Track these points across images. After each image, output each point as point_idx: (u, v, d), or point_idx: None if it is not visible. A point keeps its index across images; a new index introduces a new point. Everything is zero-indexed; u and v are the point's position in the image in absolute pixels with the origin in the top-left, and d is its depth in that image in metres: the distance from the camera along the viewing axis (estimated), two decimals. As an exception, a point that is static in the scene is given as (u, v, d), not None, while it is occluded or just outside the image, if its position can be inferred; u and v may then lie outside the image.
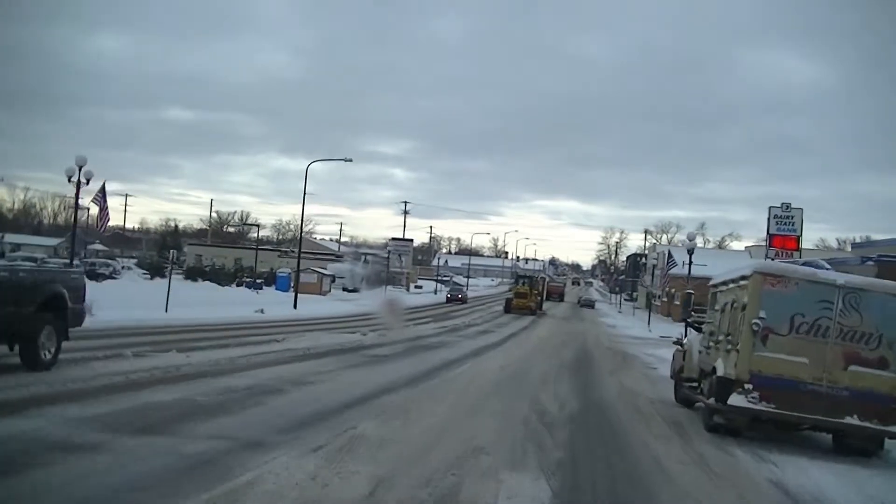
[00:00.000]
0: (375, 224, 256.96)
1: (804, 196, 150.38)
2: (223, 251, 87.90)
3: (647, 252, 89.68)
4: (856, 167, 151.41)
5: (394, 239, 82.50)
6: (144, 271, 59.52)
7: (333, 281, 67.79)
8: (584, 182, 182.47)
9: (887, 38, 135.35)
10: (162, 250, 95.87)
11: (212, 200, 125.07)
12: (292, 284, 65.69)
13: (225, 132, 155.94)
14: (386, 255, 78.41)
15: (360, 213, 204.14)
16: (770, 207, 40.71)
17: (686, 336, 27.57)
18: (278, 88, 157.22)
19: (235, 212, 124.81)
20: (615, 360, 28.14)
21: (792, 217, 40.83)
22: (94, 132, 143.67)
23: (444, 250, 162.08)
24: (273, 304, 47.75)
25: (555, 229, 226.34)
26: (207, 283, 60.98)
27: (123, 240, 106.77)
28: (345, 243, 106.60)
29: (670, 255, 36.54)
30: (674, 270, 69.17)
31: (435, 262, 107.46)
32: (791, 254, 41.06)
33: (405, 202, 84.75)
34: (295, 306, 46.54)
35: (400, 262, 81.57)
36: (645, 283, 78.48)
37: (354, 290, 70.43)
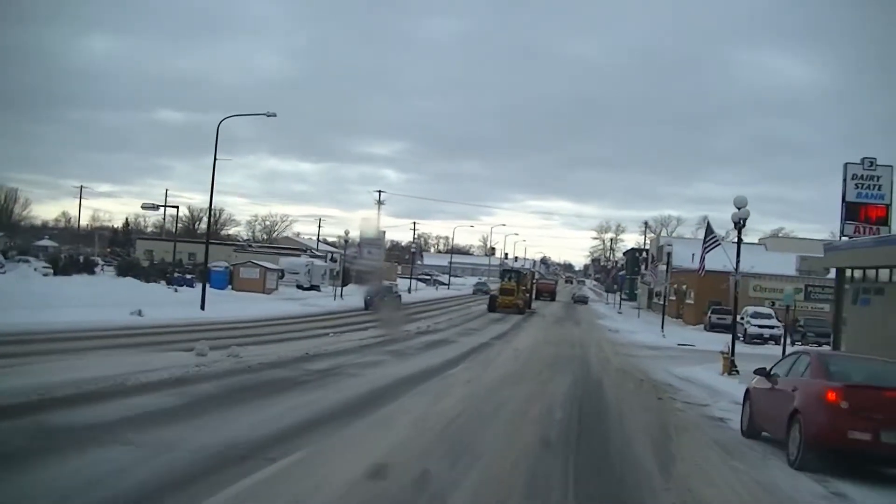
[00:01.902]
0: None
1: (797, 197, 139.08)
2: (178, 246, 76.20)
3: (647, 247, 76.57)
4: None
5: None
6: (47, 266, 46.52)
7: (282, 277, 54.63)
8: (576, 182, 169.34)
9: (882, 38, 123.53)
10: (112, 246, 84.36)
11: (167, 191, 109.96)
12: (230, 280, 53.06)
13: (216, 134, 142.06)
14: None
15: (352, 214, 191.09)
16: (846, 165, 26.79)
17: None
18: (270, 90, 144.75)
19: (208, 208, 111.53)
20: (644, 400, 14.91)
21: (878, 178, 27.51)
22: (86, 134, 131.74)
23: (433, 249, 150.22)
24: (178, 304, 35.16)
25: (547, 229, 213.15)
26: (130, 279, 48.85)
27: (80, 236, 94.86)
28: (332, 243, 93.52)
29: (710, 230, 23.41)
30: (681, 264, 56.05)
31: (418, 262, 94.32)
32: (877, 229, 27.93)
33: (379, 191, 71.23)
34: (202, 307, 33.45)
35: (370, 256, 68.42)
36: (647, 280, 65.27)
37: (312, 288, 57.21)
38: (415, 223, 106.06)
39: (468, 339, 26.53)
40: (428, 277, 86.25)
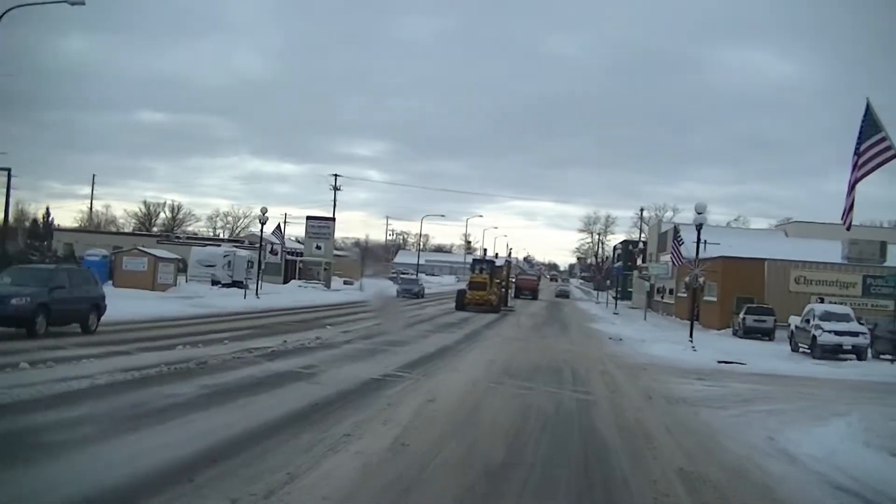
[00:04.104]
0: (356, 227, 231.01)
1: (779, 195, 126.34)
2: (101, 238, 62.84)
3: (645, 239, 62.66)
4: (830, 166, 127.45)
5: (310, 218, 54.66)
6: None
7: (182, 268, 40.34)
8: (559, 182, 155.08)
9: (865, 34, 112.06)
10: (30, 239, 70.61)
11: (94, 176, 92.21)
12: (111, 273, 38.78)
13: (197, 135, 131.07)
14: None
15: (335, 215, 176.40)
16: None
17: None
18: (250, 90, 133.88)
19: (165, 202, 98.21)
20: None
21: None
22: (65, 135, 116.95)
23: (414, 248, 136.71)
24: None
25: (531, 230, 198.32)
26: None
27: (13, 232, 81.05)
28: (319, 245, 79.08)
29: (872, 117, 9.27)
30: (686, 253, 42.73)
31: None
32: None
33: (335, 175, 57.22)
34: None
35: (318, 252, 53.98)
36: (646, 275, 51.16)
37: (235, 285, 42.70)
38: (387, 218, 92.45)
39: (345, 372, 12.37)
40: (394, 275, 72.16)
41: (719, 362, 21.50)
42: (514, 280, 58.56)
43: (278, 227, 36.28)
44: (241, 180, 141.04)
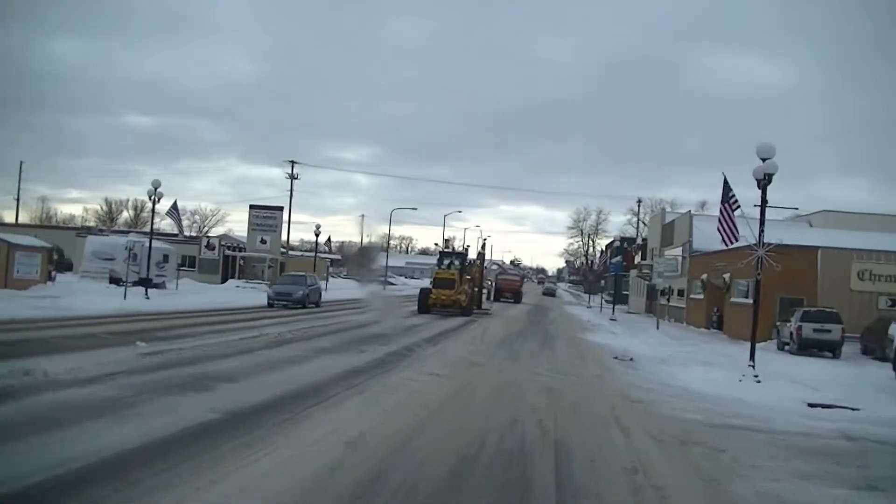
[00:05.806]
0: (342, 231, 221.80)
1: (769, 198, 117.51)
2: (28, 232, 52.72)
3: (645, 237, 53.05)
4: (820, 169, 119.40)
5: (254, 207, 44.88)
6: None
7: (57, 261, 30.35)
8: (547, 186, 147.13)
9: (849, 40, 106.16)
10: None
11: (20, 165, 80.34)
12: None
13: (185, 138, 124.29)
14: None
15: (322, 219, 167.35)
16: None
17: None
18: (238, 93, 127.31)
19: (128, 199, 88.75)
20: None
21: None
22: (52, 139, 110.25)
23: (397, 251, 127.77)
24: None
25: (519, 234, 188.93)
26: None
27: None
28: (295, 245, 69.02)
29: None
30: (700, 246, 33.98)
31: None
32: None
33: (292, 161, 47.70)
34: None
35: (263, 246, 44.11)
36: (646, 273, 41.42)
37: (142, 283, 32.51)
38: (363, 216, 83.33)
39: None
40: (382, 278, 63.05)
41: (811, 406, 12.04)
42: (490, 280, 49.44)
43: (174, 205, 26.42)
44: (230, 184, 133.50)
